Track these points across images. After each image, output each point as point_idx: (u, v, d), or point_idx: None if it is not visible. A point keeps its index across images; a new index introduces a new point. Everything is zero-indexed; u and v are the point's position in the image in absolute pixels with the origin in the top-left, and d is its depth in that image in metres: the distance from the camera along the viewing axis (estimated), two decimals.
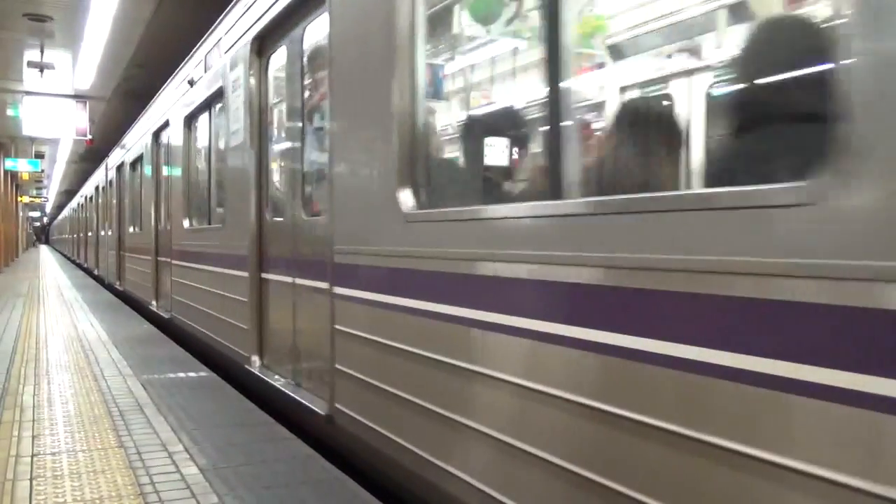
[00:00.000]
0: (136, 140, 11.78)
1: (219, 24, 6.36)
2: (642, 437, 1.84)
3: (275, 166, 5.39)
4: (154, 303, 9.81)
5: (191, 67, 7.52)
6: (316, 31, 4.44)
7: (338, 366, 3.77)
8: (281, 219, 5.03)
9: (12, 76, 13.92)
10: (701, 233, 1.69)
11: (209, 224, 7.12)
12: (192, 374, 5.90)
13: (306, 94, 4.85)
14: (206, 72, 6.78)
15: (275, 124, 5.44)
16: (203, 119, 7.49)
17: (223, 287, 6.05)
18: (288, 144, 5.11)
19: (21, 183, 31.81)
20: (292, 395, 4.51)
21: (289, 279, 4.75)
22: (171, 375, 5.85)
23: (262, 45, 5.27)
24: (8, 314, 10.33)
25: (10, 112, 15.88)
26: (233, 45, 5.78)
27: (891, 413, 1.30)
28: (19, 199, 36.12)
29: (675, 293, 1.77)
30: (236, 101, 5.68)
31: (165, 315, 8.75)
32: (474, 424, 2.59)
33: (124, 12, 10.14)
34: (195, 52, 7.35)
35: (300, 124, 4.83)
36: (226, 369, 6.03)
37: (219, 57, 6.27)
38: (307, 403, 4.25)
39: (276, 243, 5.07)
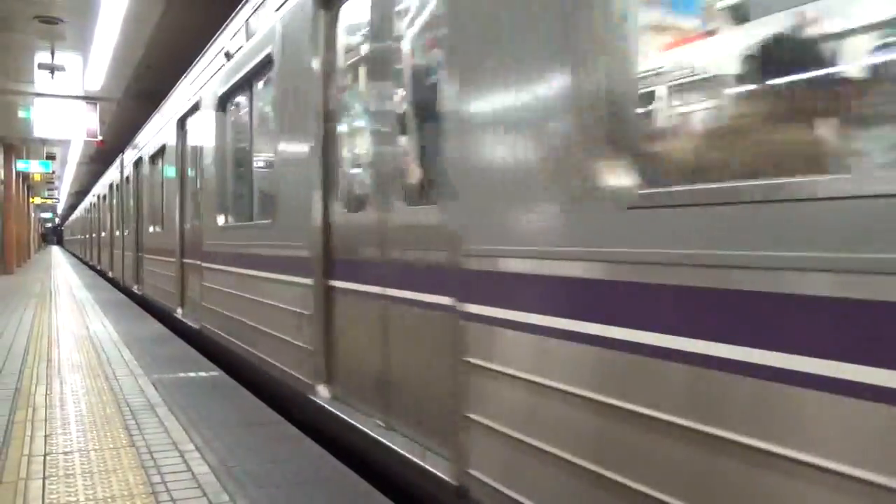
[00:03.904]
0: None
1: None
2: None
3: None
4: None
5: None
6: None
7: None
8: None
9: (23, 78, 14.02)
10: None
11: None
12: (202, 374, 5.93)
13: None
14: None
15: None
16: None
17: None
18: None
19: (33, 184, 32.04)
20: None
21: None
22: (182, 375, 5.87)
23: None
24: (20, 314, 10.41)
25: (21, 114, 16.01)
26: None
27: None
28: (31, 200, 36.38)
29: None
30: None
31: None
32: None
33: (134, 14, 10.20)
34: None
35: None
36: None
37: None
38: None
39: None
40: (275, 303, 5.12)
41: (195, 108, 8.01)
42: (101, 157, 23.32)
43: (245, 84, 6.24)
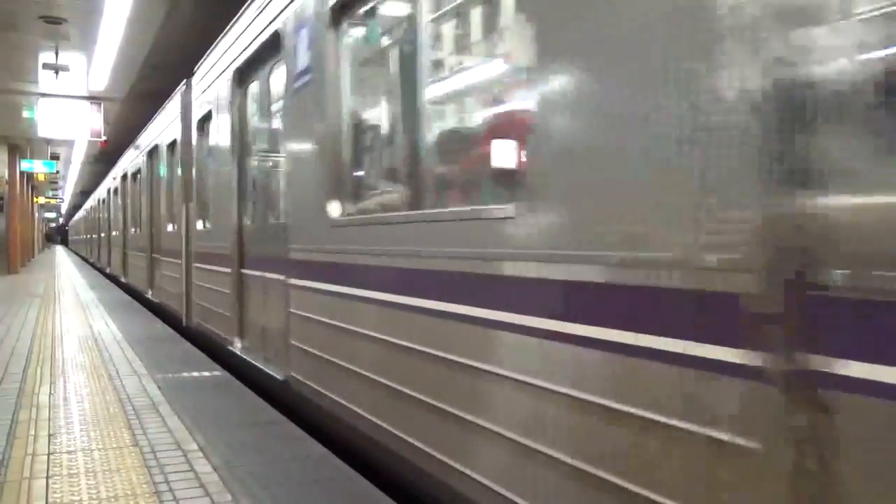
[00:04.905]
0: None
1: None
2: None
3: None
4: None
5: None
6: None
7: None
8: None
9: (28, 78, 14.05)
10: None
11: None
12: (205, 374, 5.93)
13: None
14: None
15: None
16: None
17: None
18: None
19: (37, 184, 32.11)
20: None
21: None
22: (185, 374, 5.88)
23: None
24: (24, 314, 10.43)
25: (25, 114, 16.03)
26: None
27: None
28: (35, 200, 36.45)
29: None
30: None
31: None
32: None
33: (138, 14, 10.21)
34: None
35: None
36: None
37: None
38: None
39: None
40: None
41: None
42: (105, 157, 23.37)
43: None
